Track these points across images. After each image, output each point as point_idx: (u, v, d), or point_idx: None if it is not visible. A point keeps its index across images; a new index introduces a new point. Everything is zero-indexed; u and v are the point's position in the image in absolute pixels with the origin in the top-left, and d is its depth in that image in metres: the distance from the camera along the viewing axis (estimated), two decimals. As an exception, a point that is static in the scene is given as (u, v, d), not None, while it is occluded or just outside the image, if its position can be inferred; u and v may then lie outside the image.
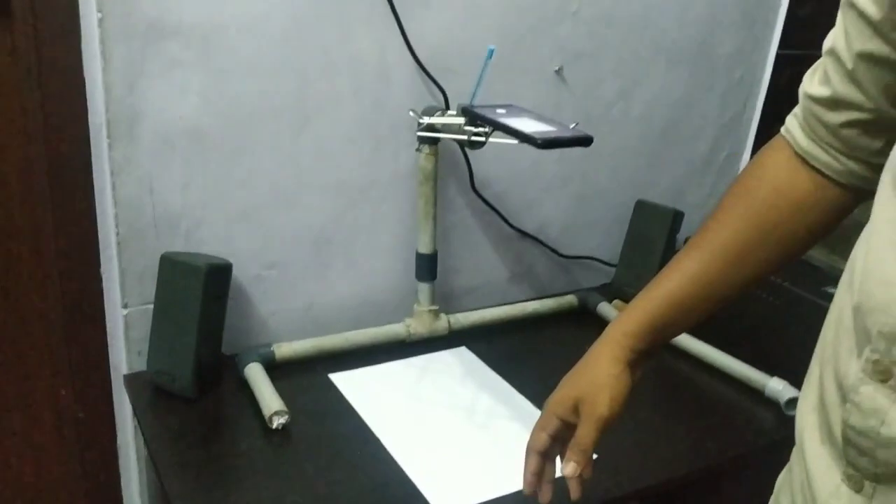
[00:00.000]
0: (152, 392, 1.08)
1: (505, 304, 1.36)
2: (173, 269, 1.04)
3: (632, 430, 1.05)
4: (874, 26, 0.61)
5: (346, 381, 1.13)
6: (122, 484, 1.21)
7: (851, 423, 0.53)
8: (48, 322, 1.10)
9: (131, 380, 1.11)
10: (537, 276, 1.43)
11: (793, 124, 0.71)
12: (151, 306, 1.06)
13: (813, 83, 0.69)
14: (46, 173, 1.01)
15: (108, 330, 1.12)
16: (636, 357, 0.76)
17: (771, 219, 0.72)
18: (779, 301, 1.33)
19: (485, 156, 1.24)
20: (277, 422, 1.01)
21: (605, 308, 1.37)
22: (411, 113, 1.12)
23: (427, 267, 1.22)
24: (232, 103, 1.06)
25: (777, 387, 1.14)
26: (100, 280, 1.08)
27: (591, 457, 0.75)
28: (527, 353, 1.26)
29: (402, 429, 1.03)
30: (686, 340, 1.27)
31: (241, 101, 1.06)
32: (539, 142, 0.93)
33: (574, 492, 0.76)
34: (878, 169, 0.59)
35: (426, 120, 1.12)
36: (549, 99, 1.31)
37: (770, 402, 1.15)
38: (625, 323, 0.77)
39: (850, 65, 0.63)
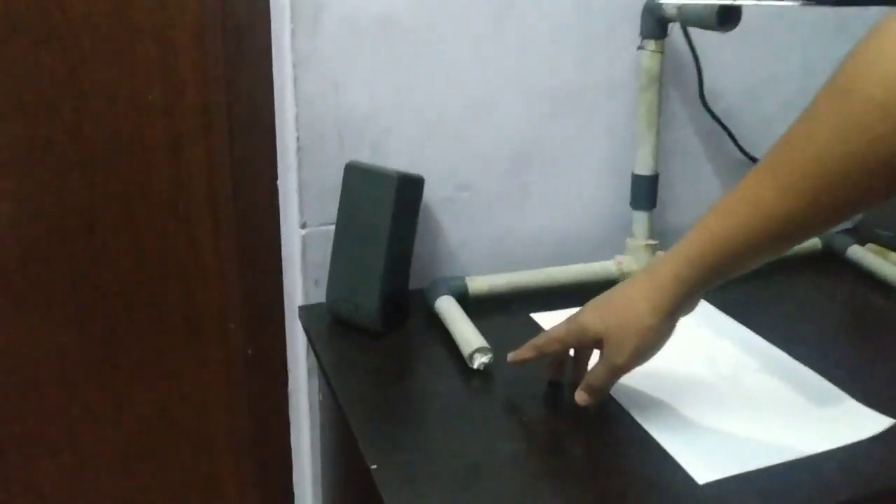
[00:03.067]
0: (332, 325, 0.94)
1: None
2: (361, 178, 0.89)
3: None
4: None
5: (553, 322, 0.95)
6: (292, 433, 1.08)
7: None
8: (219, 248, 0.99)
9: (308, 312, 0.98)
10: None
11: None
12: (332, 227, 0.92)
13: None
14: (222, 61, 0.89)
15: (284, 254, 0.99)
16: (685, 303, 0.70)
17: (875, 130, 0.53)
18: None
19: (716, 62, 1.02)
20: (479, 361, 0.84)
21: (856, 252, 1.12)
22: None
23: (646, 191, 1.02)
24: (428, -15, 0.90)
25: None
26: (276, 195, 0.95)
27: (603, 396, 0.76)
28: (765, 301, 1.03)
29: (632, 379, 0.84)
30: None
31: (438, -17, 0.90)
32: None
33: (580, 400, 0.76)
34: None
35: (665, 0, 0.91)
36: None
37: None
38: (678, 263, 0.68)
39: None
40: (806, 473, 0.69)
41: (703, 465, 0.70)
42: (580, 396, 0.75)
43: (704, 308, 1.00)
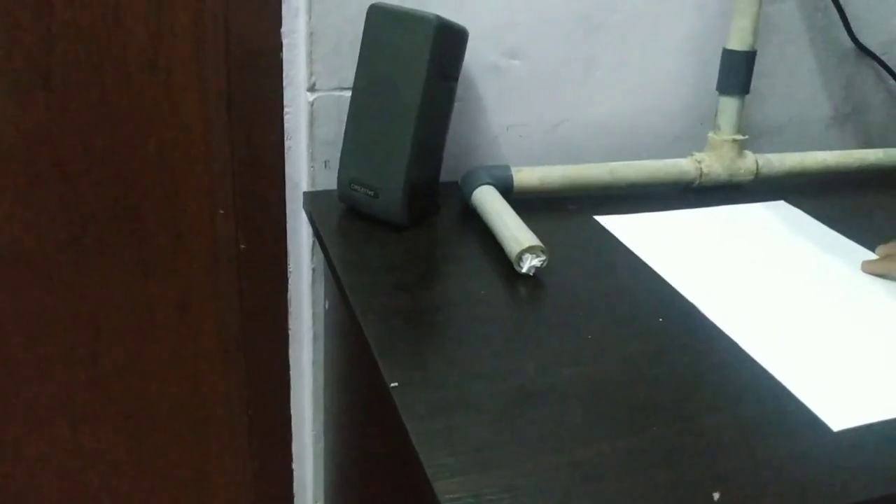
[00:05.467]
0: (344, 216, 0.75)
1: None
2: (387, 24, 0.69)
3: None
4: None
5: (622, 227, 0.76)
6: (291, 346, 0.91)
7: None
8: (206, 113, 0.80)
9: (315, 199, 0.79)
10: (867, 121, 1.00)
11: None
12: (349, 92, 0.73)
13: None
14: None
15: (287, 125, 0.79)
16: None
17: None
18: None
19: None
20: (530, 263, 0.66)
21: (981, 167, 0.93)
22: None
23: (740, 71, 0.82)
24: None
25: None
26: (279, 47, 0.76)
27: None
28: (875, 216, 0.85)
29: (730, 297, 0.65)
30: None
31: None
32: None
33: None
34: None
35: None
36: None
37: None
38: None
39: None
40: None
41: (837, 407, 0.52)
42: None
43: (797, 215, 0.82)
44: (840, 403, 0.53)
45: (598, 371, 0.55)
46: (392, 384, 0.53)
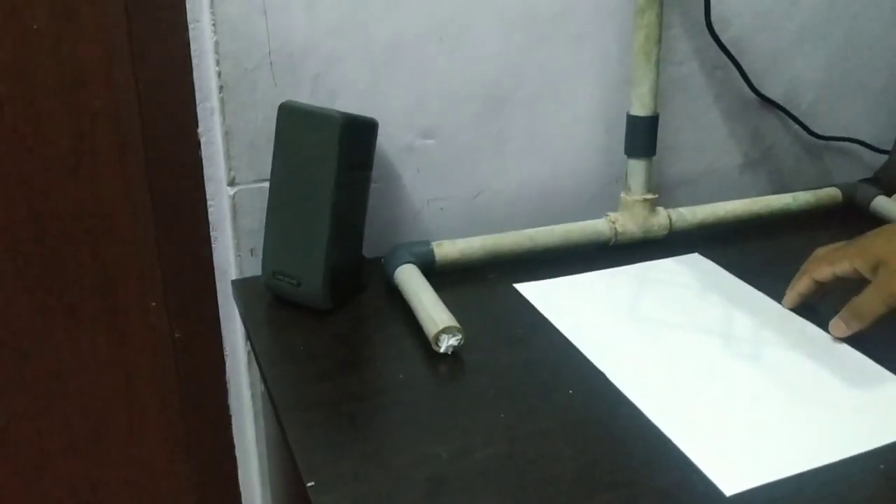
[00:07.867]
0: (272, 303, 0.78)
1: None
2: (297, 122, 0.72)
3: None
4: None
5: (539, 294, 0.79)
6: (234, 428, 0.93)
7: None
8: (133, 211, 0.82)
9: (243, 287, 0.82)
10: (778, 164, 1.04)
11: None
12: (267, 184, 0.76)
13: None
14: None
15: (211, 217, 0.82)
16: None
17: None
18: None
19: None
20: (447, 344, 0.69)
21: (883, 204, 0.97)
22: None
23: (644, 135, 0.86)
24: None
25: None
26: (197, 146, 0.78)
27: (867, 325, 0.68)
28: (778, 260, 0.88)
29: (638, 361, 0.68)
30: None
31: None
32: None
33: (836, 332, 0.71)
34: None
35: None
36: None
37: None
38: None
39: None
40: (858, 477, 0.55)
41: (730, 471, 0.55)
42: (838, 328, 0.70)
43: (709, 268, 0.85)
44: (733, 467, 0.56)
45: (508, 452, 0.58)
46: (309, 484, 0.55)
